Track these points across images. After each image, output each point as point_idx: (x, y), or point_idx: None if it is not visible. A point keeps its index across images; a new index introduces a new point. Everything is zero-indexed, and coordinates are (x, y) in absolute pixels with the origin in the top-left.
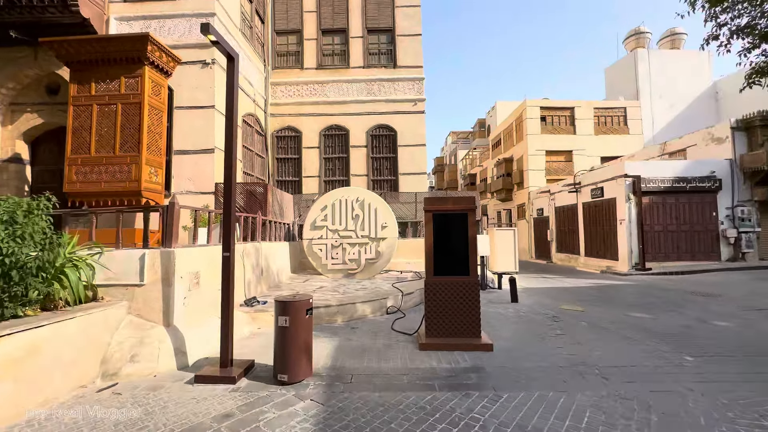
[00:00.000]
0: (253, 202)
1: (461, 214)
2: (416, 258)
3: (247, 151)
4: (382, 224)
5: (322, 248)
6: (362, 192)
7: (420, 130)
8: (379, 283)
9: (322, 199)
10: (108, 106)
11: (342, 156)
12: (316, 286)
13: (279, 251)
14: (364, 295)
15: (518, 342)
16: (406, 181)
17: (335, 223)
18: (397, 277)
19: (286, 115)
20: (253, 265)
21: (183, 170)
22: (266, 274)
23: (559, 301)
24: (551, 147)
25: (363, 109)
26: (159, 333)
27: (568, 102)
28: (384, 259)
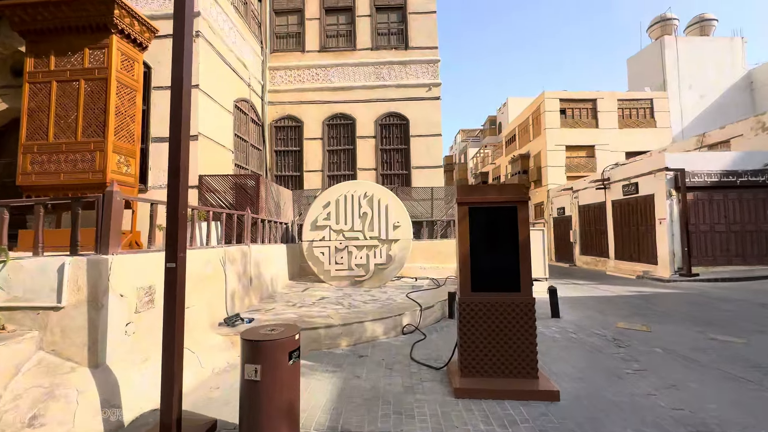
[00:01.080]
0: (244, 198)
1: (508, 208)
2: (433, 262)
3: (241, 141)
4: (394, 223)
5: (325, 251)
6: (371, 186)
7: (435, 118)
8: (392, 293)
9: (324, 194)
10: (69, 83)
11: (348, 148)
12: (317, 296)
13: (274, 255)
14: (374, 310)
15: (588, 383)
16: (420, 175)
17: (340, 223)
18: (411, 285)
19: (285, 102)
20: (238, 273)
21: (162, 161)
22: (257, 284)
23: (608, 316)
24: (572, 142)
25: (371, 95)
26: (80, 378)
27: (590, 93)
28: (396, 264)
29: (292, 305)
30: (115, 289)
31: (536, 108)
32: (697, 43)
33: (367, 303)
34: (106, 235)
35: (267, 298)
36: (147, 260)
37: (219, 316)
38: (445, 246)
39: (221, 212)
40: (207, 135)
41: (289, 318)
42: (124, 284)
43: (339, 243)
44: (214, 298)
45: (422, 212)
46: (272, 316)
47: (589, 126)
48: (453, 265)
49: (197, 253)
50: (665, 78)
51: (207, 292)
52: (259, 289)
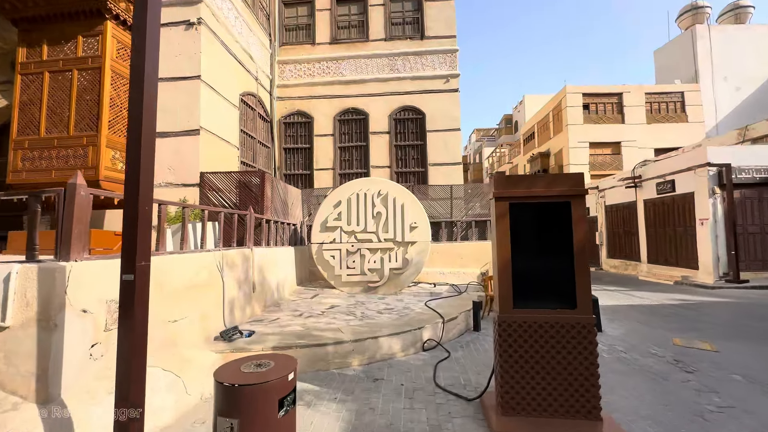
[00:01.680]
0: (248, 197)
1: (560, 204)
2: (452, 267)
3: (247, 137)
4: (411, 224)
5: (335, 255)
6: (385, 184)
7: (453, 111)
8: (408, 301)
9: (335, 193)
10: (62, 73)
11: (360, 144)
12: (326, 304)
13: (281, 259)
14: (389, 323)
15: (666, 427)
16: (437, 173)
17: (351, 223)
18: (429, 291)
19: (295, 98)
20: (239, 279)
21: (161, 157)
22: (261, 291)
23: (657, 329)
24: (596, 138)
25: (385, 88)
26: (23, 418)
27: (615, 87)
28: (413, 269)
29: (298, 315)
30: (75, 303)
31: (557, 103)
32: (731, 32)
33: (382, 313)
34: (67, 238)
35: (272, 307)
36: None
37: (215, 329)
38: (465, 249)
39: (219, 211)
40: (209, 129)
41: (294, 331)
42: (88, 297)
43: (351, 245)
44: (210, 309)
45: (441, 212)
46: (275, 328)
47: (615, 122)
48: (475, 270)
49: (189, 258)
50: (697, 69)
51: (201, 301)
52: (263, 296)
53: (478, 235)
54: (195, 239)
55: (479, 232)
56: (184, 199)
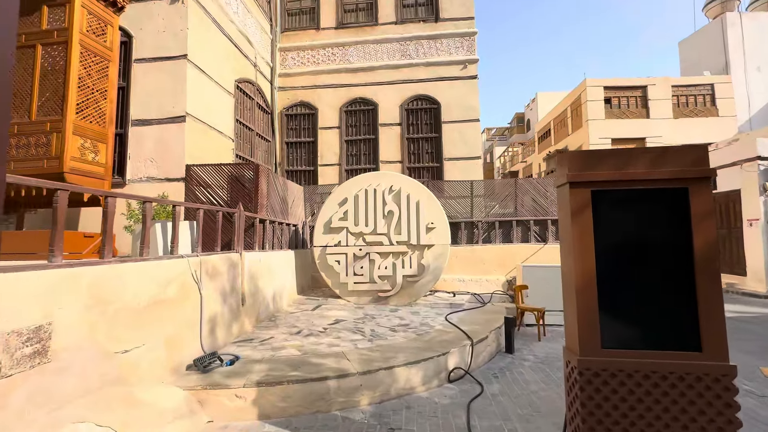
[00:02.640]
0: (240, 194)
1: (672, 192)
2: (474, 273)
3: (244, 128)
4: (428, 225)
5: (341, 260)
6: (398, 178)
7: (472, 100)
8: (426, 314)
9: (340, 189)
10: (25, 49)
11: (368, 138)
12: (330, 318)
13: (277, 265)
14: (406, 344)
15: None
16: (454, 168)
17: (359, 224)
18: (449, 302)
19: (298, 87)
20: (223, 290)
21: (143, 148)
22: (253, 303)
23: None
24: (618, 134)
25: (396, 76)
26: None
27: (639, 80)
28: (430, 277)
29: (296, 332)
30: None
31: (576, 98)
32: (765, 19)
33: (396, 331)
34: None
35: (266, 321)
36: (40, 281)
37: (189, 355)
38: (488, 253)
39: (198, 208)
40: (197, 117)
41: (288, 356)
42: None
43: (358, 249)
44: (182, 330)
45: (459, 211)
46: (267, 351)
47: (639, 116)
48: (499, 277)
49: (151, 267)
50: (728, 60)
51: (168, 321)
52: (256, 309)
53: (503, 238)
54: (163, 242)
55: (503, 233)
56: (164, 194)
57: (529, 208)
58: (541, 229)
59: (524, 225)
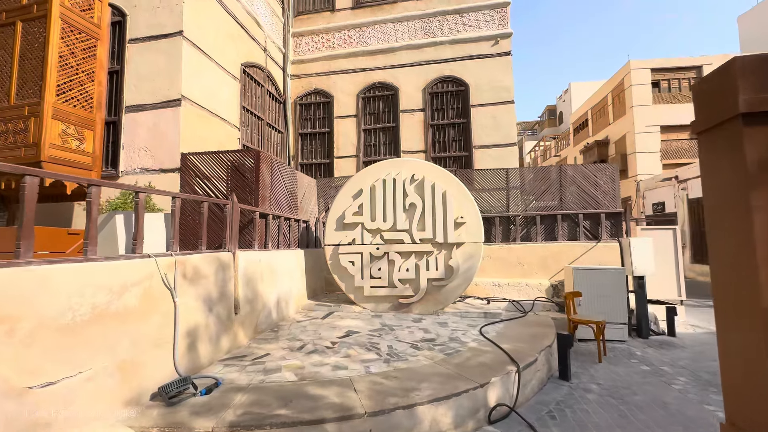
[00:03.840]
0: (240, 185)
1: None
2: (511, 276)
3: (252, 117)
4: (457, 219)
5: (355, 260)
6: (421, 166)
7: (505, 79)
8: (455, 326)
9: (355, 179)
10: (5, 27)
11: (389, 126)
12: (341, 329)
13: (282, 266)
14: (431, 369)
15: None
16: (485, 156)
17: (376, 219)
18: (482, 311)
19: (312, 74)
20: (208, 297)
21: (140, 137)
22: (250, 311)
23: None
24: (669, 120)
25: (418, 57)
26: None
27: (693, 59)
28: (460, 280)
29: (299, 347)
30: None
31: (618, 83)
32: None
33: (419, 348)
34: None
35: (267, 332)
36: None
37: (158, 379)
38: (528, 253)
39: (173, 196)
40: (196, 101)
41: (280, 384)
42: None
43: (375, 248)
44: (146, 349)
45: (493, 205)
46: (256, 374)
47: None
48: (541, 281)
49: (97, 270)
50: None
51: (123, 339)
52: (254, 318)
53: (545, 235)
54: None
55: (546, 230)
56: (150, 185)
57: (576, 199)
58: (592, 224)
59: (571, 219)
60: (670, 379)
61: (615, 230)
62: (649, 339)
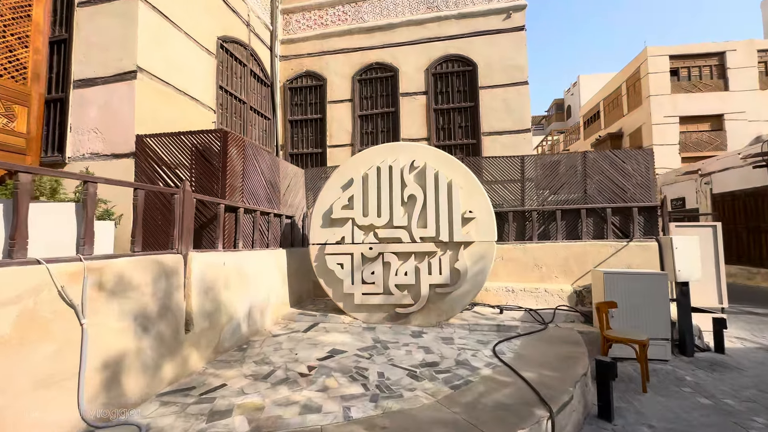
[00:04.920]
0: (207, 172)
1: None
2: (527, 281)
3: (231, 98)
4: (464, 214)
5: (345, 262)
6: (421, 151)
7: (518, 57)
8: (463, 342)
9: (344, 167)
10: None
11: (387, 111)
12: (323, 347)
13: (258, 269)
14: (433, 413)
15: None
16: (495, 145)
17: (369, 213)
18: (494, 320)
19: (303, 55)
20: (143, 313)
21: (87, 116)
22: (209, 326)
23: None
24: (688, 111)
25: (420, 34)
26: None
27: (715, 45)
28: (469, 286)
29: (264, 376)
30: None
31: (634, 71)
32: None
33: (418, 377)
34: None
35: (233, 350)
36: None
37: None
38: (547, 253)
39: (84, 180)
40: (157, 74)
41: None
42: None
43: (368, 248)
44: (27, 391)
45: (505, 198)
46: (197, 420)
47: (715, 89)
48: (563, 287)
49: None
50: None
51: None
52: (214, 335)
53: (566, 233)
54: None
55: (567, 226)
56: (87, 171)
57: (603, 191)
58: (622, 220)
59: (597, 215)
60: (742, 419)
61: (649, 227)
62: (695, 357)
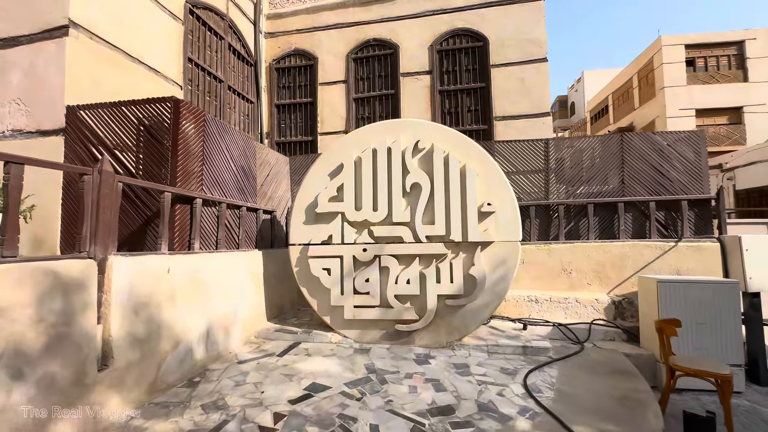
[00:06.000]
0: (155, 154)
1: None
2: (554, 289)
3: (205, 75)
4: (482, 207)
5: (333, 267)
6: (428, 130)
7: (535, 31)
8: (482, 371)
9: (333, 149)
10: None
11: (386, 93)
12: (299, 382)
13: (219, 278)
14: None
15: None
16: (510, 130)
17: (363, 207)
18: (518, 338)
19: (292, 32)
20: (15, 353)
21: (7, 84)
22: (144, 355)
23: None
24: (705, 103)
25: (423, 6)
26: None
27: (733, 34)
28: (488, 297)
29: (211, 430)
30: None
31: (647, 62)
32: None
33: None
34: None
35: (178, 385)
36: None
37: None
38: (576, 255)
39: None
40: (99, 34)
41: None
42: None
43: (362, 249)
44: None
45: (525, 190)
46: None
47: (733, 80)
48: (598, 296)
49: None
50: None
51: None
52: (150, 367)
53: (600, 231)
54: None
55: (601, 223)
56: None
57: (645, 181)
58: (668, 216)
59: (638, 209)
60: None
61: (701, 224)
62: None
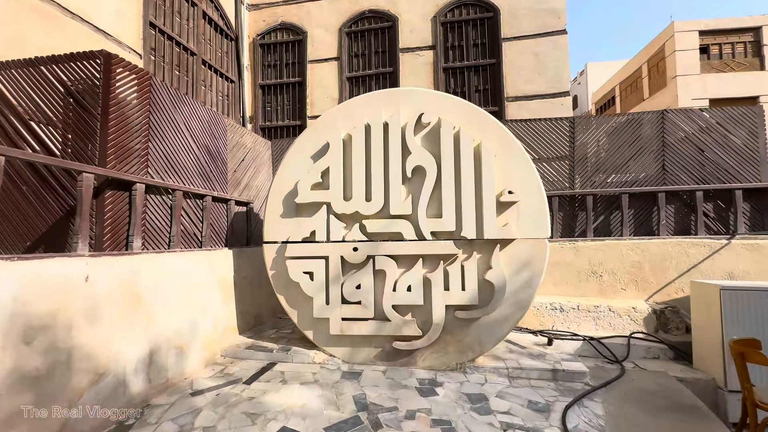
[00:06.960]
0: (83, 125)
1: None
2: (577, 295)
3: (173, 46)
4: (501, 196)
5: (316, 270)
6: (434, 101)
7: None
8: (505, 408)
9: (316, 125)
10: None
11: (384, 72)
12: (266, 427)
13: (168, 284)
14: None
15: None
16: (522, 111)
17: (353, 196)
18: (542, 359)
19: (278, 3)
20: None
21: None
22: (48, 392)
23: None
24: (720, 93)
25: None
26: None
27: (749, 19)
28: (508, 307)
29: None
30: None
31: (657, 50)
32: None
33: None
34: None
35: (103, 430)
36: None
37: None
38: (607, 255)
39: None
40: None
41: None
42: None
43: (352, 249)
44: None
45: (546, 178)
46: None
47: (750, 68)
48: (635, 304)
49: None
50: None
51: None
52: (57, 406)
53: (635, 226)
54: None
55: (637, 217)
56: None
57: (690, 167)
58: (717, 209)
59: (681, 200)
60: None
61: (759, 218)
62: None
